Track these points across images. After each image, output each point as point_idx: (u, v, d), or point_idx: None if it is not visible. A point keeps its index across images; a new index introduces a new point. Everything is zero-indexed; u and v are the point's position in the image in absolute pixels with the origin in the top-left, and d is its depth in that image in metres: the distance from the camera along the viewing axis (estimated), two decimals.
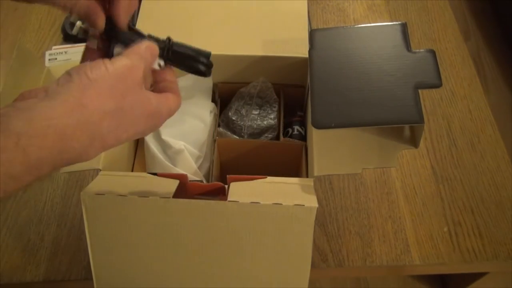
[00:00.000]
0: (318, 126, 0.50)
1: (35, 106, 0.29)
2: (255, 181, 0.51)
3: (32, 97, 0.32)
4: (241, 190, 0.49)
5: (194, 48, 0.45)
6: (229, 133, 0.67)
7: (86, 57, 0.42)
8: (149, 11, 0.68)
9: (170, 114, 0.40)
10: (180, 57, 0.44)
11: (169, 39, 0.43)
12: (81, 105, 0.30)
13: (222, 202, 0.46)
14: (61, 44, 0.86)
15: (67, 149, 0.30)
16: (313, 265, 0.49)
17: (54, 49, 0.85)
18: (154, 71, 0.42)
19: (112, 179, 0.52)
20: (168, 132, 0.62)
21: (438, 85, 0.50)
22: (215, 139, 0.64)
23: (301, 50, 0.62)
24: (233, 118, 0.67)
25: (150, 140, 0.63)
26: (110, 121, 0.32)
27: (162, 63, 0.42)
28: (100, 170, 0.52)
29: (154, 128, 0.39)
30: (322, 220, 0.69)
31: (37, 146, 0.27)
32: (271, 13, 0.68)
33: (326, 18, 0.94)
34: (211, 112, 0.67)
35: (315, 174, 0.51)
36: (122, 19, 0.41)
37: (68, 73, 0.33)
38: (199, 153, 0.63)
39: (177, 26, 0.66)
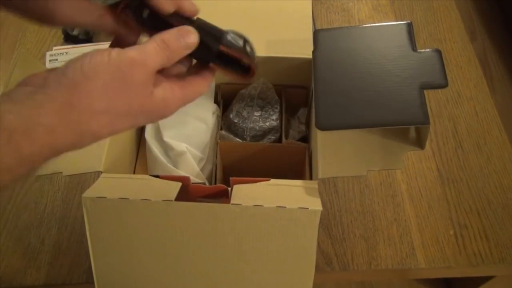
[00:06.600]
0: (323, 127, 0.49)
1: (27, 100, 0.29)
2: (258, 183, 0.50)
3: (31, 84, 0.31)
4: (245, 193, 0.48)
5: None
6: (231, 136, 0.66)
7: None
8: None
9: (189, 101, 0.36)
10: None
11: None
12: (69, 105, 0.29)
13: (225, 205, 0.46)
14: (62, 44, 0.86)
15: (58, 144, 0.30)
16: (317, 269, 0.48)
17: (55, 49, 0.84)
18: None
19: (113, 181, 0.51)
20: (170, 134, 0.62)
21: (444, 85, 0.49)
22: (217, 142, 0.64)
23: (306, 51, 0.61)
24: (235, 121, 0.66)
25: (152, 142, 0.62)
26: (100, 120, 0.31)
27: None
28: (102, 172, 0.52)
29: (161, 118, 0.36)
30: (327, 223, 0.69)
31: (28, 141, 0.28)
32: (275, 13, 0.67)
33: (331, 18, 0.93)
34: (213, 113, 0.66)
35: (320, 176, 0.50)
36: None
37: (67, 64, 0.31)
38: (201, 155, 0.62)
39: None
